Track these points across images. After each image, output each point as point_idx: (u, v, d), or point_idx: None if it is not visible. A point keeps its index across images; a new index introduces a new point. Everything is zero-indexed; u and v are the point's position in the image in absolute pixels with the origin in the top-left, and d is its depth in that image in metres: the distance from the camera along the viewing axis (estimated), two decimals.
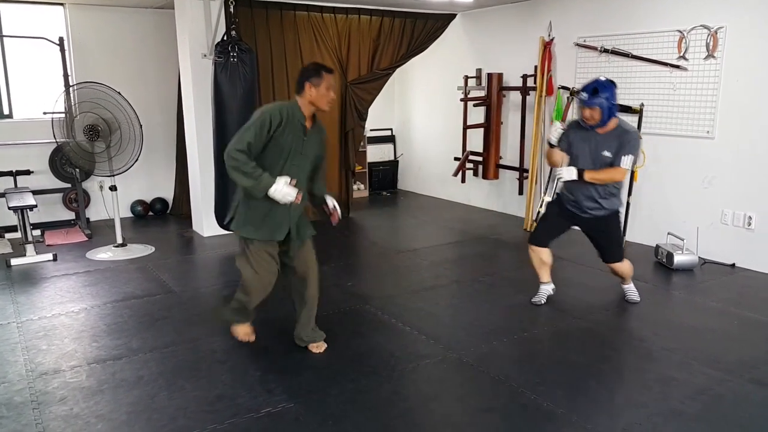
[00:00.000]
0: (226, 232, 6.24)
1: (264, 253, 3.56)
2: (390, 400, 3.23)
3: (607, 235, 4.41)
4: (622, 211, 4.40)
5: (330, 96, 3.45)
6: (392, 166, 9.57)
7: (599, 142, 4.11)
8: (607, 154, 4.08)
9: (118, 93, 5.76)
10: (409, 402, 3.26)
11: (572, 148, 4.22)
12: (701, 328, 4.17)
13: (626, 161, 4.04)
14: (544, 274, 4.59)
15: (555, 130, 4.23)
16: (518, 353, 3.78)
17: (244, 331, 3.84)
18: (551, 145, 4.30)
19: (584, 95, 4.00)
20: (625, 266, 4.50)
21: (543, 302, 4.55)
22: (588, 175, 4.09)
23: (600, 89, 3.96)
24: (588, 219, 4.31)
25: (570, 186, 4.26)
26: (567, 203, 4.38)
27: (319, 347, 3.79)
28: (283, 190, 3.32)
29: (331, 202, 3.67)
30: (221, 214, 5.90)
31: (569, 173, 4.13)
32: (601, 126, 4.07)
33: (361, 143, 8.52)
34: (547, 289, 4.60)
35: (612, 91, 4.01)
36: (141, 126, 5.89)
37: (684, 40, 5.57)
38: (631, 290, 4.66)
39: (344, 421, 3.00)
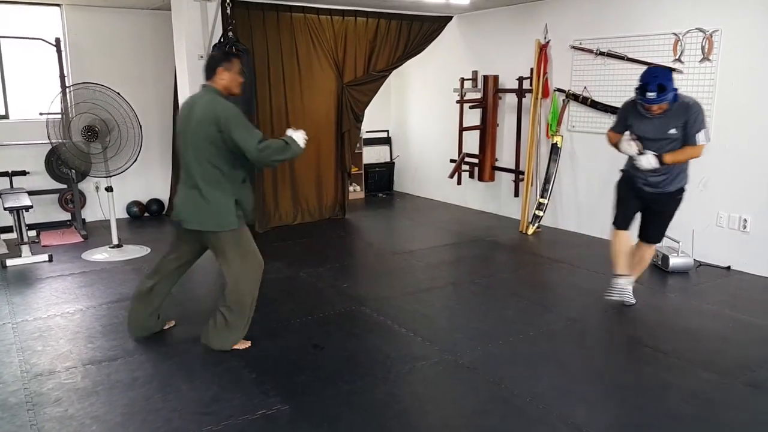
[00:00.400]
0: None
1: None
2: (385, 401, 3.23)
3: (665, 212, 4.35)
4: (688, 188, 4.32)
5: (240, 79, 3.69)
6: (388, 167, 9.57)
7: (663, 122, 4.03)
8: (673, 131, 4.02)
9: (117, 93, 5.75)
10: (405, 404, 3.26)
11: (633, 129, 4.16)
12: (696, 330, 4.18)
13: (701, 137, 3.98)
14: (622, 264, 4.45)
15: (630, 146, 4.11)
16: (514, 355, 3.78)
17: (243, 344, 3.86)
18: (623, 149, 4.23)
19: (652, 95, 3.89)
20: (652, 252, 4.52)
21: (617, 299, 4.44)
22: (668, 159, 4.03)
23: (665, 84, 3.88)
24: (654, 193, 4.25)
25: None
26: (636, 180, 4.29)
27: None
28: (300, 136, 3.61)
29: None
30: None
31: (648, 162, 4.05)
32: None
33: (357, 145, 8.53)
34: (623, 283, 4.43)
35: (672, 79, 3.94)
36: (141, 126, 5.89)
37: (680, 43, 5.59)
38: (627, 292, 4.63)
39: (339, 423, 3.00)
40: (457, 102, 7.67)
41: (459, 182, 7.87)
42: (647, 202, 4.35)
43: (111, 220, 6.09)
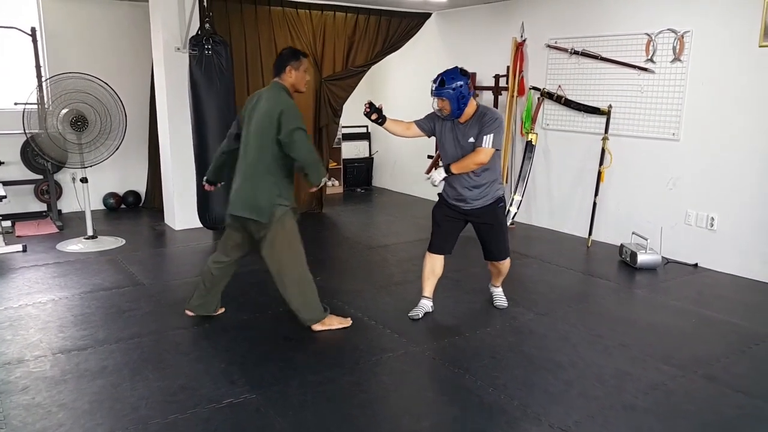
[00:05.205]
0: (198, 226, 6.26)
1: None
2: (351, 391, 3.29)
3: (492, 224, 4.20)
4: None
5: (307, 78, 3.89)
6: (367, 163, 9.63)
7: (462, 132, 3.99)
8: (472, 140, 3.93)
9: (106, 83, 5.75)
10: (370, 393, 3.32)
11: (438, 137, 4.21)
12: (659, 325, 4.27)
13: (487, 141, 3.86)
14: (428, 288, 4.36)
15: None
16: (479, 347, 3.85)
17: (338, 320, 4.09)
18: None
19: (433, 86, 3.92)
20: (506, 264, 4.38)
21: (418, 316, 4.28)
22: (455, 168, 3.96)
23: (445, 79, 3.86)
24: (474, 209, 4.14)
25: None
26: (448, 200, 4.27)
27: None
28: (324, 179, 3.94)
29: None
30: (204, 213, 5.93)
31: (440, 174, 3.98)
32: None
33: (336, 140, 8.56)
34: (425, 303, 4.34)
35: (458, 79, 3.87)
36: (126, 116, 5.92)
37: (652, 43, 5.69)
38: (500, 295, 4.57)
39: (304, 411, 3.05)
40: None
41: None
42: (472, 219, 4.19)
43: (86, 211, 6.08)
